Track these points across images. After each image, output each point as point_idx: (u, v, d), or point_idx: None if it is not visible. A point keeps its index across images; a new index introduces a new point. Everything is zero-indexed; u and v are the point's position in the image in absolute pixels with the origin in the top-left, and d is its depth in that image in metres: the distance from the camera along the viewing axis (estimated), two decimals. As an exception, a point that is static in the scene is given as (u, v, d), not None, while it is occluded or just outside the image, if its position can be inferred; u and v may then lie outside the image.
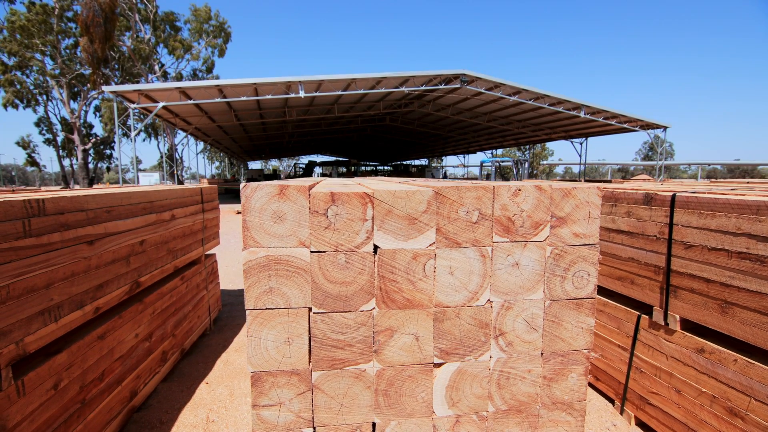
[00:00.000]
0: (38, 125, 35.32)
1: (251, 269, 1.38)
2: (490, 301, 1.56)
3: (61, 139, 35.76)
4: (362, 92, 18.79)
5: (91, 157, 36.78)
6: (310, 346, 1.44)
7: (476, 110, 24.09)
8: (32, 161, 40.51)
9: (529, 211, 1.54)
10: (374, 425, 1.53)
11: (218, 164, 64.44)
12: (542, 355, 1.63)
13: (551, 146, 58.85)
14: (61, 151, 36.30)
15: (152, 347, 2.83)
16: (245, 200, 1.37)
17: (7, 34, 28.69)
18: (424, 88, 18.99)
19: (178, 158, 29.10)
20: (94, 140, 35.48)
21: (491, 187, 1.51)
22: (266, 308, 1.40)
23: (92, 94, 32.61)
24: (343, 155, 54.09)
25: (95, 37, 23.78)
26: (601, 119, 21.76)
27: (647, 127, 22.91)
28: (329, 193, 1.38)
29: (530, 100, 20.27)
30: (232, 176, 50.91)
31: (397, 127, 30.80)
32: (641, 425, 2.54)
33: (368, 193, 1.42)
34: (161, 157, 28.98)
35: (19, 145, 38.98)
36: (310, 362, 1.44)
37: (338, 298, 1.43)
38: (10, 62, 29.90)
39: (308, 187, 1.42)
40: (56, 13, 29.05)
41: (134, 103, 16.44)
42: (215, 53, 36.11)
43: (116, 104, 17.42)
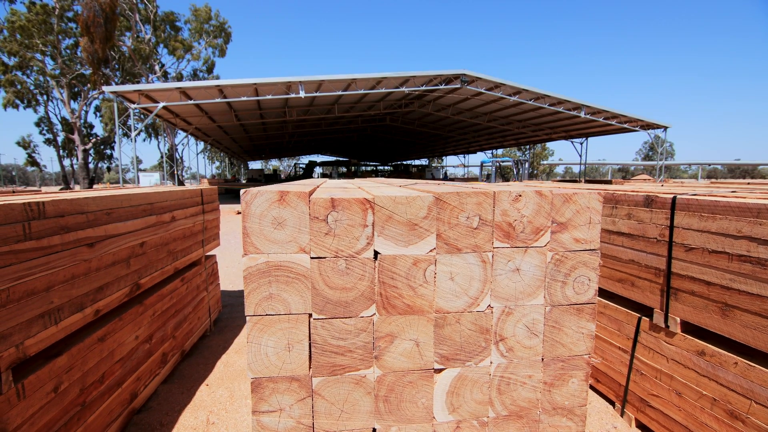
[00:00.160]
0: (38, 125, 35.32)
1: (251, 275, 1.38)
2: (490, 306, 1.55)
3: (61, 139, 35.76)
4: (362, 92, 18.79)
5: (91, 157, 36.75)
6: (310, 352, 1.44)
7: (476, 110, 24.09)
8: (32, 161, 40.57)
9: (529, 216, 1.54)
10: (374, 431, 1.52)
11: (218, 164, 64.46)
12: (543, 360, 1.63)
13: (551, 146, 58.91)
14: (61, 151, 36.30)
15: (152, 349, 2.83)
16: (245, 206, 1.36)
17: (7, 34, 28.69)
18: (424, 88, 18.99)
19: (178, 158, 29.11)
20: (94, 140, 35.46)
21: (492, 192, 1.51)
22: (266, 314, 1.40)
23: (92, 94, 32.61)
24: (343, 155, 54.10)
25: (96, 37, 23.81)
26: (601, 119, 21.76)
27: (647, 127, 22.91)
28: (329, 199, 1.38)
29: (530, 100, 20.27)
30: (232, 176, 50.95)
31: (397, 127, 30.80)
32: (642, 428, 2.54)
33: (369, 198, 1.41)
34: (161, 157, 28.99)
35: (19, 145, 39.07)
36: (310, 368, 1.44)
37: (339, 304, 1.43)
38: (10, 62, 29.91)
39: (308, 192, 1.42)
40: (56, 13, 29.04)
41: (134, 103, 16.45)
42: (216, 53, 36.16)
43: (116, 104, 17.43)
